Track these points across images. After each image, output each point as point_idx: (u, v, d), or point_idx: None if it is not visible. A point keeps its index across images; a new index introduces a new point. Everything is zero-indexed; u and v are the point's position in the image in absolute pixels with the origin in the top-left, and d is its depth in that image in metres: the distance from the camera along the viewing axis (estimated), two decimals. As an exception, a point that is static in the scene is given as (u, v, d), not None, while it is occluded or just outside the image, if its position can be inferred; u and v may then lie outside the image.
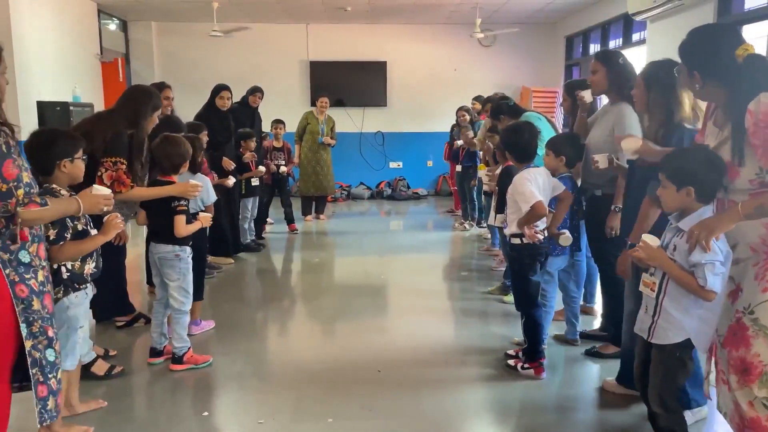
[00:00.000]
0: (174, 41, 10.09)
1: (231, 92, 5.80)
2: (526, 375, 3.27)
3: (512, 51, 10.31)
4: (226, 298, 4.85)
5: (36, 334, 2.14)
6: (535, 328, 3.30)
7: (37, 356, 2.16)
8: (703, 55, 2.16)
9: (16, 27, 6.27)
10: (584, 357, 3.54)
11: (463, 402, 3.07)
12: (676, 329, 2.17)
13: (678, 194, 2.15)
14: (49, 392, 2.21)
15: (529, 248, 3.20)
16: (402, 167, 10.71)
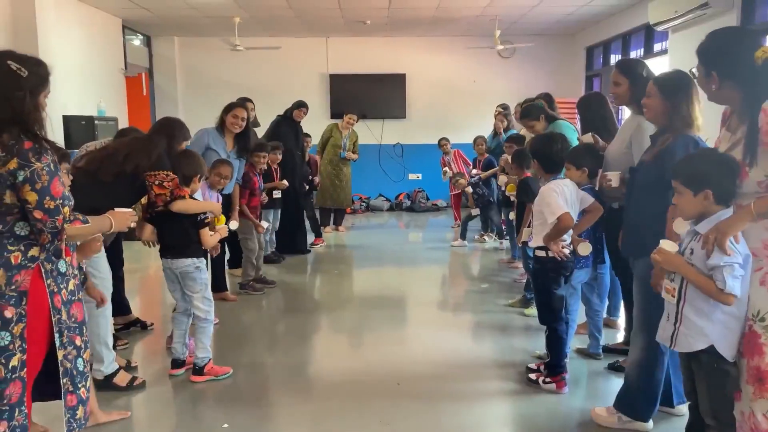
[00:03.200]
0: (196, 56, 10.24)
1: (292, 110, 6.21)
2: (547, 389, 3.22)
3: (532, 62, 10.28)
4: (245, 310, 4.87)
5: (66, 344, 2.18)
6: (558, 342, 3.25)
7: (68, 366, 2.20)
8: (722, 55, 2.15)
9: (43, 42, 6.41)
10: (607, 371, 3.49)
11: (483, 416, 3.04)
12: (698, 336, 2.12)
13: (695, 199, 2.11)
14: (78, 401, 2.24)
15: (555, 261, 3.17)
16: (421, 179, 10.71)
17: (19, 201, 2.02)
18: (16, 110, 2.01)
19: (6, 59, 2.04)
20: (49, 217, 2.03)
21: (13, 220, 2.03)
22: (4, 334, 2.00)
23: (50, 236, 2.07)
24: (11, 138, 1.97)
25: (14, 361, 2.02)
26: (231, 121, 4.62)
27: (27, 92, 2.04)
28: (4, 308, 2.00)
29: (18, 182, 1.98)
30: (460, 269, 6.34)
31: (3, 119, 1.98)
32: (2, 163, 1.96)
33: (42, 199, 2.01)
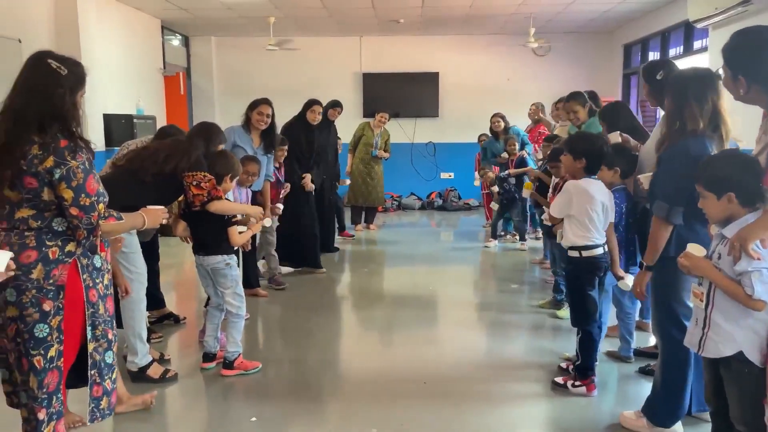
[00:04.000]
0: (232, 55, 10.40)
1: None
2: (577, 392, 3.18)
3: (567, 60, 10.14)
4: (276, 306, 4.94)
5: (98, 337, 2.25)
6: (590, 345, 3.20)
7: (98, 359, 2.27)
8: (749, 58, 2.08)
9: (85, 43, 6.60)
10: (638, 375, 3.44)
11: (509, 417, 3.03)
12: (726, 341, 2.07)
13: (720, 202, 2.06)
14: (103, 392, 2.31)
15: (588, 262, 3.12)
16: (453, 178, 10.67)
17: (56, 198, 2.09)
18: (56, 107, 2.07)
19: (46, 58, 2.11)
20: (84, 213, 2.10)
21: (51, 216, 2.11)
22: (43, 326, 2.08)
23: (86, 232, 2.13)
24: (49, 136, 2.04)
25: (52, 352, 2.10)
26: (256, 118, 4.68)
27: (66, 90, 2.10)
28: (42, 301, 2.07)
29: (54, 180, 2.05)
30: (490, 269, 6.31)
31: (44, 115, 2.05)
32: (40, 161, 2.03)
33: (77, 196, 2.08)
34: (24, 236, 2.07)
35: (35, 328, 2.06)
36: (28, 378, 2.09)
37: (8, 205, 2.08)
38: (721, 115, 2.50)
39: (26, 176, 2.04)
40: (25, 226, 2.07)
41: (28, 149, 2.02)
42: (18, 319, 2.06)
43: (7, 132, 2.03)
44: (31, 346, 2.07)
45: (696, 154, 2.39)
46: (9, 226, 2.09)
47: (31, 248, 2.06)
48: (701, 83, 2.50)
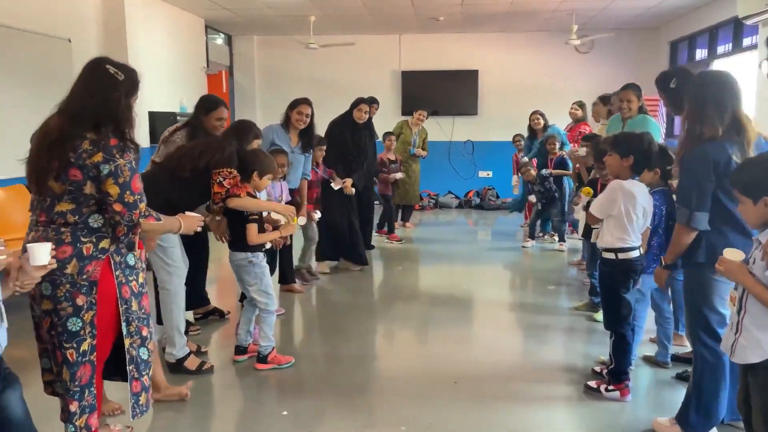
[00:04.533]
0: (273, 54, 10.55)
1: (372, 107, 5.87)
2: (610, 397, 3.13)
3: (611, 57, 9.94)
4: (310, 301, 5.01)
5: (133, 333, 2.32)
6: (624, 348, 3.14)
7: (134, 354, 2.34)
8: None
9: (132, 42, 6.81)
10: (675, 381, 3.36)
11: (540, 421, 3.00)
12: (754, 348, 2.01)
13: (756, 207, 2.01)
14: (141, 388, 2.38)
15: (623, 264, 3.07)
16: (491, 177, 10.59)
17: (98, 193, 2.17)
18: (112, 109, 2.18)
19: (105, 64, 2.24)
20: (127, 210, 2.19)
21: (88, 212, 2.19)
22: (75, 320, 2.15)
23: (126, 229, 2.22)
24: (102, 135, 2.14)
25: (84, 346, 2.18)
26: (296, 118, 4.74)
27: (122, 94, 2.22)
28: (76, 296, 2.15)
29: (102, 175, 2.13)
30: (527, 269, 6.24)
31: (100, 116, 2.15)
32: (88, 155, 2.12)
33: (123, 193, 2.17)
34: (60, 232, 2.15)
35: (68, 321, 2.14)
36: (62, 370, 2.17)
37: (50, 197, 2.16)
38: (740, 119, 2.45)
39: (72, 168, 2.12)
40: (62, 220, 2.15)
41: (78, 143, 2.11)
42: (52, 312, 2.14)
43: (61, 129, 2.13)
44: (64, 339, 2.14)
45: (716, 159, 2.37)
46: (47, 219, 2.17)
47: (66, 244, 2.14)
48: (719, 88, 2.46)
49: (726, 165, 2.39)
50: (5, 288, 1.86)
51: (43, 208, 2.18)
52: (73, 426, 2.18)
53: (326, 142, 5.55)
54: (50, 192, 2.15)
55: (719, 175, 2.42)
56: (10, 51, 5.11)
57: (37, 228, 2.18)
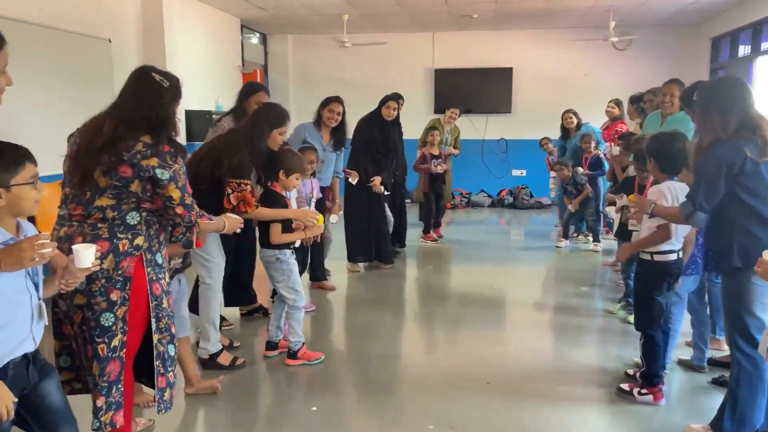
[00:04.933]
0: (307, 53, 10.63)
1: (398, 103, 5.74)
2: (643, 401, 3.08)
3: (650, 54, 9.72)
4: (342, 299, 5.04)
5: (162, 329, 2.37)
6: (653, 350, 3.09)
7: (162, 350, 2.38)
8: None
9: (169, 41, 6.93)
10: (711, 386, 3.27)
11: (570, 423, 2.96)
12: None
13: None
14: (167, 384, 2.42)
15: (659, 266, 3.01)
16: (525, 175, 10.47)
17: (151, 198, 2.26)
18: (160, 115, 2.27)
19: (151, 72, 2.33)
20: (187, 212, 2.32)
21: (127, 209, 2.24)
22: (109, 315, 2.19)
23: (185, 228, 2.36)
24: (152, 139, 2.23)
25: (115, 342, 2.21)
26: (327, 116, 4.77)
27: (168, 101, 2.31)
28: (110, 291, 2.19)
29: (163, 181, 2.22)
30: (560, 270, 6.16)
31: (150, 122, 2.24)
32: (143, 156, 2.20)
33: (183, 196, 2.29)
34: (97, 227, 2.20)
35: (101, 316, 2.18)
36: (92, 364, 2.21)
37: (90, 191, 2.22)
38: (753, 119, 2.44)
39: (124, 165, 2.19)
40: (101, 215, 2.21)
41: (132, 144, 2.20)
42: (85, 306, 2.18)
43: (115, 131, 2.21)
44: (96, 334, 2.18)
45: (729, 159, 2.41)
46: (84, 213, 2.22)
47: (103, 239, 2.19)
48: (724, 93, 2.50)
49: (742, 164, 2.40)
50: (51, 286, 1.92)
51: (81, 202, 2.23)
52: (98, 421, 2.21)
53: (353, 140, 5.58)
54: (93, 186, 2.21)
55: (737, 175, 2.42)
56: (53, 51, 5.26)
57: (71, 223, 2.23)
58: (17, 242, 1.71)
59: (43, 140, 5.01)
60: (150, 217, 2.30)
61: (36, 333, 1.81)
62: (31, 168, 1.78)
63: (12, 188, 1.73)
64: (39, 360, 1.88)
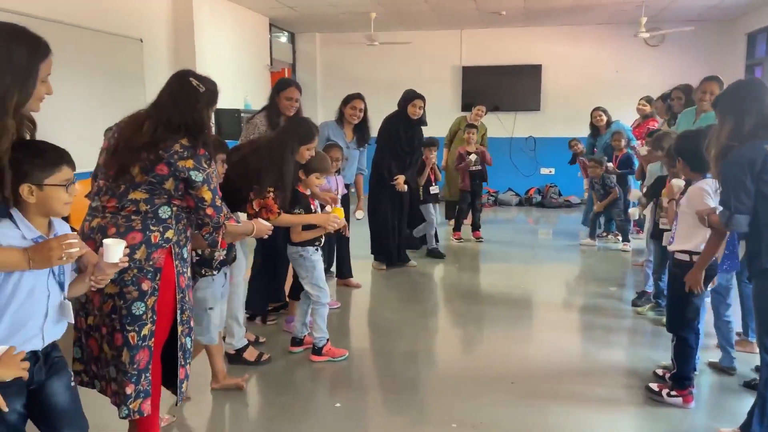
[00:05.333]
0: (335, 51, 10.68)
1: (424, 101, 5.67)
2: (672, 403, 3.02)
3: (683, 51, 9.52)
4: (366, 297, 5.05)
5: (184, 321, 2.43)
6: (686, 352, 3.03)
7: (183, 341, 2.44)
8: None
9: (199, 41, 7.04)
10: (742, 389, 3.20)
11: (596, 424, 2.92)
12: None
13: None
14: (185, 376, 2.48)
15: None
16: (554, 174, 10.36)
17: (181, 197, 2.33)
18: (195, 119, 2.33)
19: (189, 76, 2.40)
20: (216, 213, 2.38)
21: (159, 203, 2.31)
22: (140, 304, 2.25)
23: (212, 229, 2.42)
24: (189, 141, 2.29)
25: (145, 330, 2.27)
26: (349, 113, 4.82)
27: (204, 105, 2.38)
28: (142, 281, 2.25)
29: (197, 183, 2.30)
30: (588, 269, 6.08)
31: (187, 125, 2.31)
32: (180, 157, 2.26)
33: (214, 198, 2.36)
34: (131, 219, 2.26)
35: (133, 305, 2.24)
36: (121, 353, 2.25)
37: (125, 185, 2.28)
38: None
39: (161, 163, 2.26)
40: (134, 207, 2.27)
41: (170, 144, 2.26)
42: (116, 295, 2.24)
43: (154, 132, 2.28)
44: (127, 323, 2.24)
45: (751, 157, 2.40)
46: (118, 205, 2.27)
47: (136, 230, 2.25)
48: (735, 97, 2.53)
49: (764, 162, 2.38)
50: (81, 284, 1.94)
51: (115, 194, 2.29)
52: (126, 408, 2.26)
53: (378, 138, 5.57)
54: (129, 180, 2.28)
55: (761, 173, 2.39)
56: (86, 51, 5.38)
57: (104, 214, 2.28)
58: (46, 241, 1.74)
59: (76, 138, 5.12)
60: (179, 212, 2.37)
61: (47, 332, 1.82)
62: (67, 171, 1.81)
63: (44, 187, 1.75)
64: (51, 357, 1.87)
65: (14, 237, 1.72)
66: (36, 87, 1.76)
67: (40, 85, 1.78)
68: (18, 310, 1.74)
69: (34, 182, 1.74)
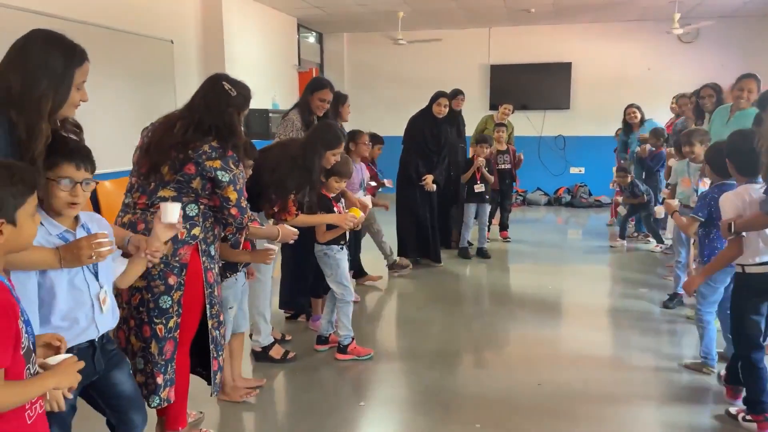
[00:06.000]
0: (362, 51, 10.69)
1: (449, 99, 5.68)
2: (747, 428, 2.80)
3: (718, 47, 9.29)
4: (393, 297, 5.05)
5: (214, 315, 2.50)
6: (756, 373, 2.79)
7: (215, 335, 2.52)
8: None
9: (228, 42, 7.12)
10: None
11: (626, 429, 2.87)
12: None
13: None
14: (218, 367, 2.57)
15: (753, 279, 2.74)
16: (584, 173, 10.21)
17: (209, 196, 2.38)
18: (226, 122, 2.39)
19: (222, 80, 2.45)
20: (240, 214, 2.43)
21: (187, 201, 2.37)
22: (166, 298, 2.33)
23: (235, 230, 2.47)
24: (219, 143, 2.35)
25: (171, 323, 2.36)
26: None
27: (234, 109, 2.42)
28: (168, 275, 2.33)
29: (223, 183, 2.34)
30: (618, 270, 5.98)
31: (218, 127, 2.36)
32: (207, 157, 2.32)
33: (239, 198, 2.41)
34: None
35: (160, 299, 2.32)
36: (150, 344, 2.34)
37: (155, 182, 2.36)
38: None
39: (190, 163, 2.32)
40: None
41: (199, 145, 2.32)
42: (144, 289, 2.32)
43: (185, 134, 2.34)
44: (155, 315, 2.33)
45: None
46: (147, 202, 2.36)
47: None
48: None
49: None
50: (137, 264, 2.04)
51: (145, 192, 2.37)
52: (158, 398, 2.35)
53: (404, 138, 5.56)
54: (158, 178, 2.35)
55: None
56: (118, 52, 5.48)
57: (135, 211, 2.36)
58: (77, 241, 1.79)
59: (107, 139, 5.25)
60: (206, 210, 2.43)
61: (99, 322, 1.89)
62: (68, 169, 1.78)
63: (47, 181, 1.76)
64: (107, 350, 1.97)
65: (40, 234, 1.75)
66: (71, 93, 1.81)
67: (75, 91, 1.82)
68: (65, 303, 1.80)
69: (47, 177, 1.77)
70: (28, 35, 1.80)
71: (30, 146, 1.69)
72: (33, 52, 1.75)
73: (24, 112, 1.70)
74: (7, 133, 1.67)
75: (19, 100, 1.70)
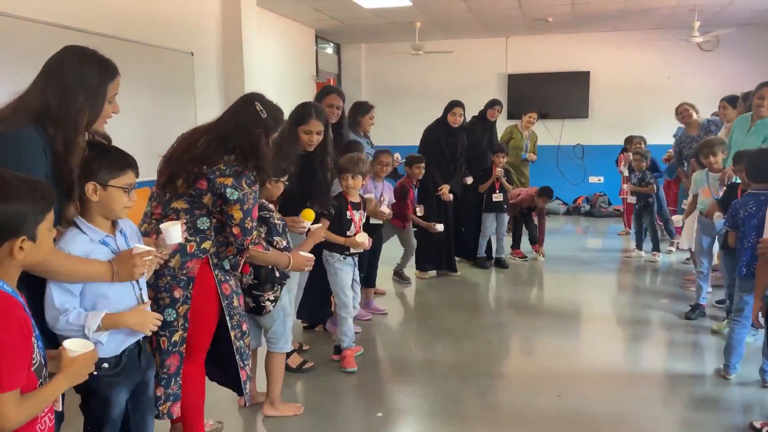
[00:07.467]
0: (379, 61, 10.74)
1: (464, 109, 5.67)
2: None
3: (739, 55, 9.19)
4: (410, 307, 5.03)
5: (235, 326, 2.49)
6: None
7: (239, 345, 2.51)
8: None
9: (247, 53, 7.18)
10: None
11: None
12: None
13: None
14: (247, 377, 2.56)
15: None
16: (603, 182, 10.12)
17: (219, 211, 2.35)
18: (252, 142, 2.37)
19: (255, 101, 2.45)
20: (242, 235, 2.37)
21: (199, 215, 2.36)
22: (170, 311, 2.31)
23: (236, 251, 2.42)
24: (237, 161, 2.33)
25: (176, 337, 2.33)
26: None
27: (263, 131, 2.40)
28: (174, 288, 2.31)
29: (231, 200, 2.30)
30: (638, 280, 5.90)
31: (242, 146, 2.35)
32: (220, 174, 2.30)
33: (244, 218, 2.34)
34: None
35: (165, 312, 2.30)
36: (153, 356, 2.31)
37: (170, 193, 2.36)
38: None
39: (202, 179, 2.31)
40: (174, 216, 2.34)
41: (216, 161, 2.31)
42: (152, 300, 2.29)
43: (207, 147, 2.34)
44: (159, 328, 2.24)
45: None
46: (162, 213, 2.36)
47: None
48: None
49: None
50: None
51: (161, 202, 2.38)
52: (156, 410, 2.32)
53: (420, 148, 5.56)
54: (173, 190, 2.35)
55: None
56: (139, 64, 5.56)
57: (151, 221, 2.38)
58: (131, 257, 1.85)
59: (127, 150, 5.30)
60: (219, 225, 2.40)
61: None
62: (131, 176, 1.91)
63: (108, 188, 1.84)
64: (145, 350, 2.04)
65: (83, 241, 1.83)
66: (104, 107, 1.86)
67: (107, 105, 1.88)
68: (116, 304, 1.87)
69: (100, 181, 1.84)
70: (63, 52, 1.84)
71: (68, 159, 1.75)
72: (68, 69, 1.80)
73: (61, 127, 1.75)
74: (46, 146, 1.73)
75: (57, 115, 1.75)
